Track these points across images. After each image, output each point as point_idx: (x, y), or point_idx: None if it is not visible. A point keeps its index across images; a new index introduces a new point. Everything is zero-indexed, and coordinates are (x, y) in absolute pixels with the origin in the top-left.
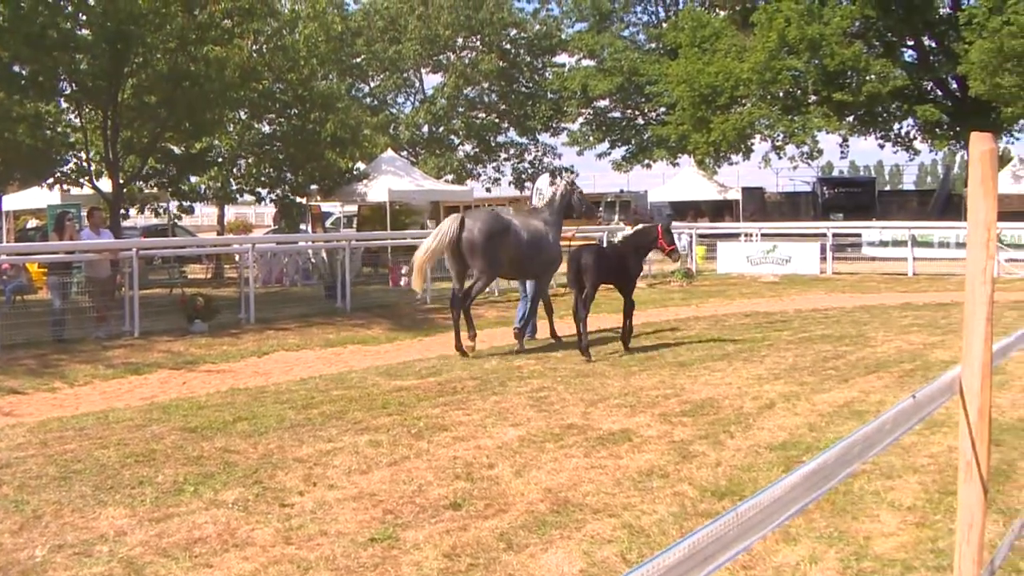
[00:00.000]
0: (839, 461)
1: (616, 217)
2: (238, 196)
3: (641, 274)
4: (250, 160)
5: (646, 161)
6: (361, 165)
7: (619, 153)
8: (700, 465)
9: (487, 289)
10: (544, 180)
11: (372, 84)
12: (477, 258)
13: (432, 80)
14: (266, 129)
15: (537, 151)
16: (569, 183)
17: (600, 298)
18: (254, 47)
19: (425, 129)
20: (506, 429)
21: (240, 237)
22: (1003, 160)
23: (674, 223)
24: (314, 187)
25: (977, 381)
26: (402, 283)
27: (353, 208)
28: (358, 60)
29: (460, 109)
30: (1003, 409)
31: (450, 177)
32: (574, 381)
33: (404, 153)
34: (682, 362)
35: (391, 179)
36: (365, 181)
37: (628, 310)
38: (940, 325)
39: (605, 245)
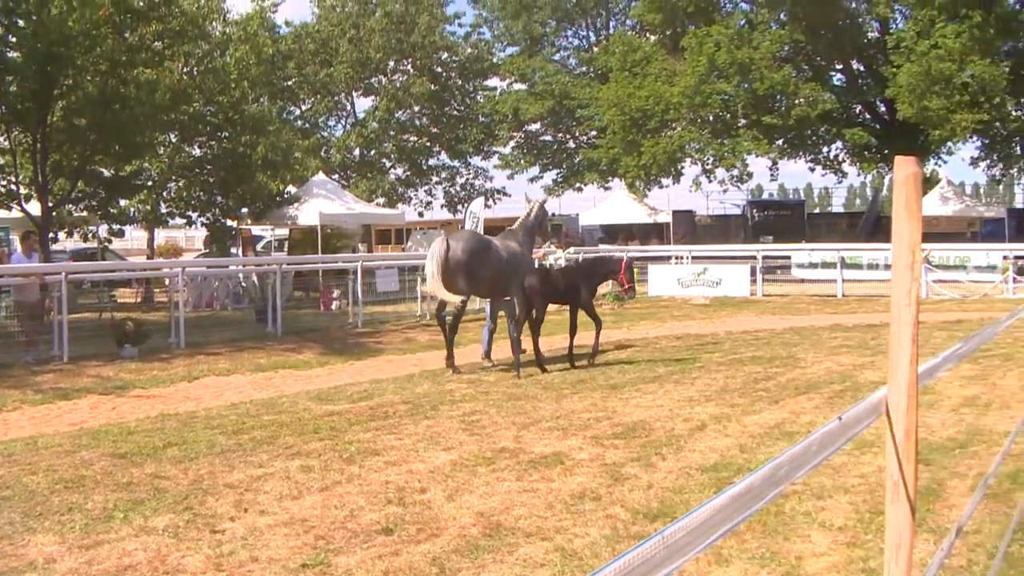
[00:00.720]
0: (767, 482)
1: (547, 241)
2: (168, 219)
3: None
4: (180, 183)
5: (577, 184)
6: (292, 188)
7: (550, 176)
8: (632, 487)
9: (424, 312)
10: (478, 204)
11: (303, 107)
12: (460, 276)
13: (363, 103)
14: (197, 152)
15: (469, 174)
16: (541, 204)
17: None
18: (184, 69)
19: (356, 152)
20: (438, 453)
21: (170, 261)
22: (931, 182)
23: (603, 246)
24: (245, 210)
25: (903, 401)
26: (334, 307)
27: (284, 232)
28: (289, 83)
29: (391, 132)
30: (932, 429)
31: (381, 200)
32: (506, 404)
33: (335, 176)
34: (614, 384)
35: (322, 202)
36: (296, 204)
37: (573, 330)
38: (870, 346)
39: (560, 266)
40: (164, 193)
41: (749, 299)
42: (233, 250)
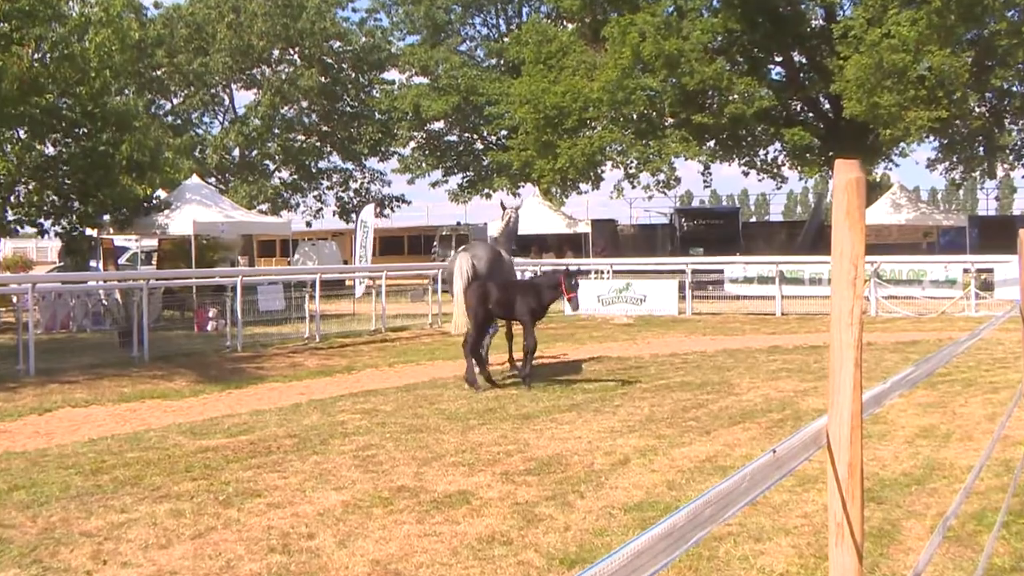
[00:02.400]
0: (691, 523)
1: (452, 252)
2: (17, 228)
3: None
4: (31, 186)
5: (485, 190)
6: (162, 193)
7: (455, 181)
8: (547, 530)
9: (308, 335)
10: (368, 212)
11: (175, 101)
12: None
13: (244, 97)
14: (50, 151)
15: (364, 178)
16: (516, 208)
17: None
18: (36, 56)
19: (236, 153)
20: (328, 493)
21: (18, 276)
22: (881, 187)
23: (516, 259)
24: (106, 218)
25: (846, 432)
26: (209, 328)
27: (152, 242)
28: (159, 73)
29: (276, 130)
30: (885, 462)
31: (264, 207)
32: (405, 437)
33: (212, 180)
34: (526, 414)
35: (197, 209)
36: (167, 212)
37: (526, 346)
38: (812, 370)
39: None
40: (11, 198)
41: (677, 318)
42: (93, 263)
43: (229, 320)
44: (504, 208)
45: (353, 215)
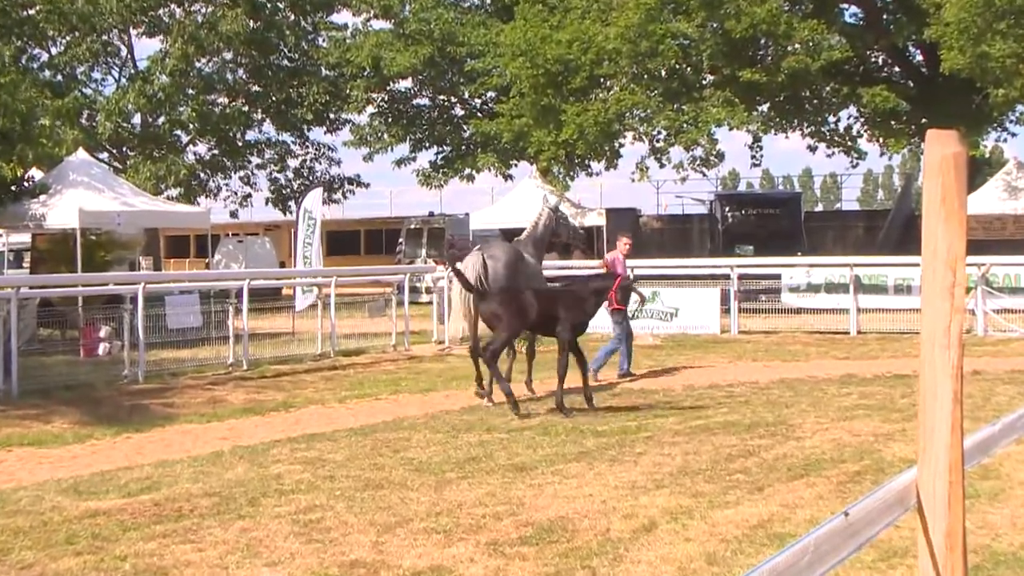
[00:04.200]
0: None
1: (423, 251)
2: None
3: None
4: None
5: (467, 170)
6: (37, 173)
7: (427, 158)
8: None
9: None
10: (314, 198)
11: (54, 50)
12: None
13: (147, 47)
14: None
15: (306, 154)
16: (553, 209)
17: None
18: None
19: (137, 120)
20: (258, 571)
21: None
22: (992, 166)
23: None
24: None
25: (943, 490)
26: (100, 351)
27: (24, 238)
28: (31, 13)
29: (190, 91)
30: (998, 531)
31: (175, 192)
32: (360, 496)
33: (105, 156)
34: (520, 464)
35: (84, 195)
36: (43, 198)
37: (563, 365)
38: (899, 407)
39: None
40: None
41: (719, 338)
42: None
43: (127, 341)
44: (545, 202)
45: (292, 203)
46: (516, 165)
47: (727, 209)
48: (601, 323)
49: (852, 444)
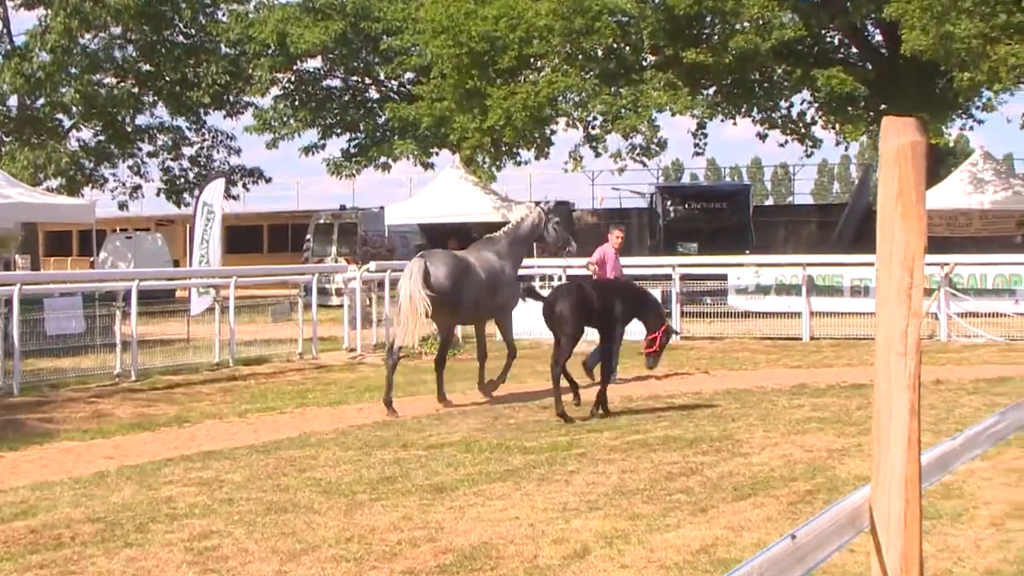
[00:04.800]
0: None
1: (333, 249)
2: None
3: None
4: None
5: (382, 159)
6: None
7: (338, 146)
8: None
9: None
10: (214, 190)
11: None
12: (443, 309)
13: (24, 20)
14: None
15: (204, 141)
16: (547, 210)
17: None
18: None
19: (13, 102)
20: None
21: None
22: (957, 156)
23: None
24: None
25: (898, 509)
26: None
27: None
28: None
29: (73, 70)
30: (960, 554)
31: (56, 183)
32: (262, 521)
33: None
34: (439, 484)
35: None
36: None
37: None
38: (855, 420)
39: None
40: None
41: None
42: None
43: (0, 349)
44: (538, 205)
45: (187, 195)
46: (437, 154)
47: (669, 203)
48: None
49: (804, 460)
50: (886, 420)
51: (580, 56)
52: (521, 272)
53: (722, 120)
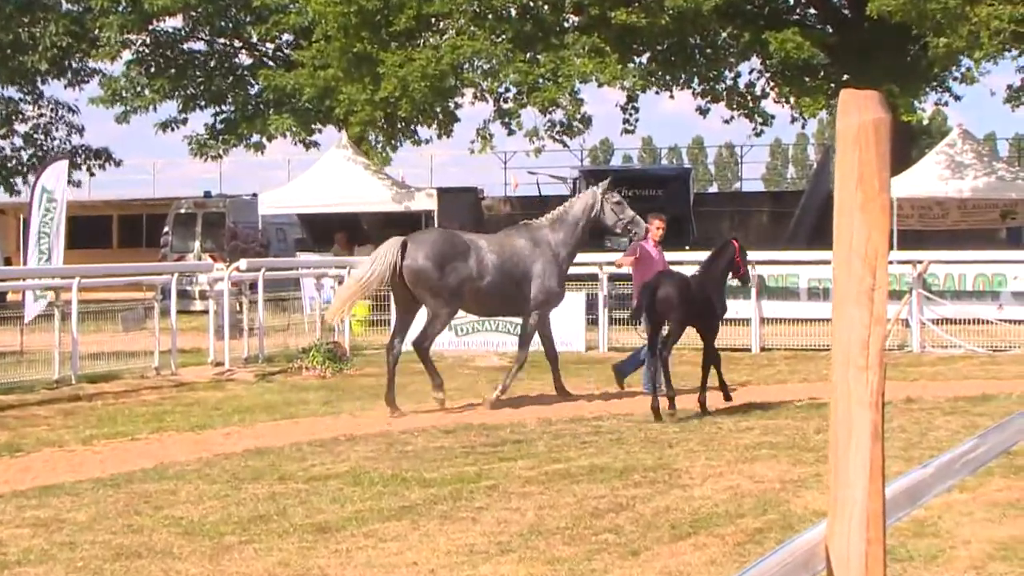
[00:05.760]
0: None
1: (196, 244)
2: None
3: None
4: None
5: (255, 137)
6: None
7: (202, 121)
8: None
9: None
10: (54, 173)
11: None
12: (424, 291)
13: None
14: None
15: (40, 115)
16: (605, 190)
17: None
18: None
19: None
20: None
21: None
22: (932, 135)
23: (310, 256)
24: None
25: (858, 548)
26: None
27: None
28: None
29: None
30: None
31: None
32: (111, 568)
33: None
34: (323, 523)
35: None
36: None
37: (711, 361)
38: (813, 445)
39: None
40: None
41: (584, 356)
42: None
43: None
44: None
45: (21, 179)
46: (320, 131)
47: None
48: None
49: (753, 493)
50: (844, 446)
51: (490, 16)
52: None
53: (657, 92)
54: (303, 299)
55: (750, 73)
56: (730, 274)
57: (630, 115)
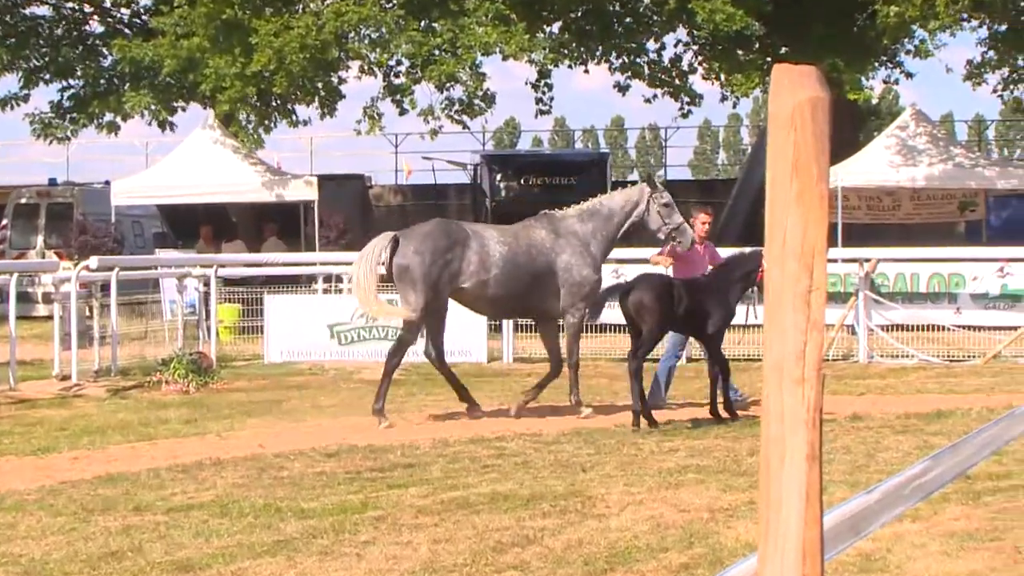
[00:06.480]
0: None
1: (39, 239)
2: None
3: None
4: None
5: (108, 116)
6: None
7: (47, 97)
8: None
9: None
10: None
11: None
12: (409, 290)
13: None
14: None
15: None
16: (655, 188)
17: None
18: None
19: None
20: None
21: None
22: (881, 117)
23: (171, 253)
24: None
25: None
26: None
27: None
28: None
29: None
30: None
31: None
32: None
33: None
34: (185, 561)
35: None
36: None
37: (719, 371)
38: (745, 469)
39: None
40: None
41: (486, 368)
42: None
43: None
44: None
45: None
46: (184, 109)
47: (499, 177)
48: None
49: (678, 524)
50: (777, 469)
51: None
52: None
53: (571, 67)
54: (163, 303)
55: (675, 46)
56: (752, 283)
57: (542, 93)
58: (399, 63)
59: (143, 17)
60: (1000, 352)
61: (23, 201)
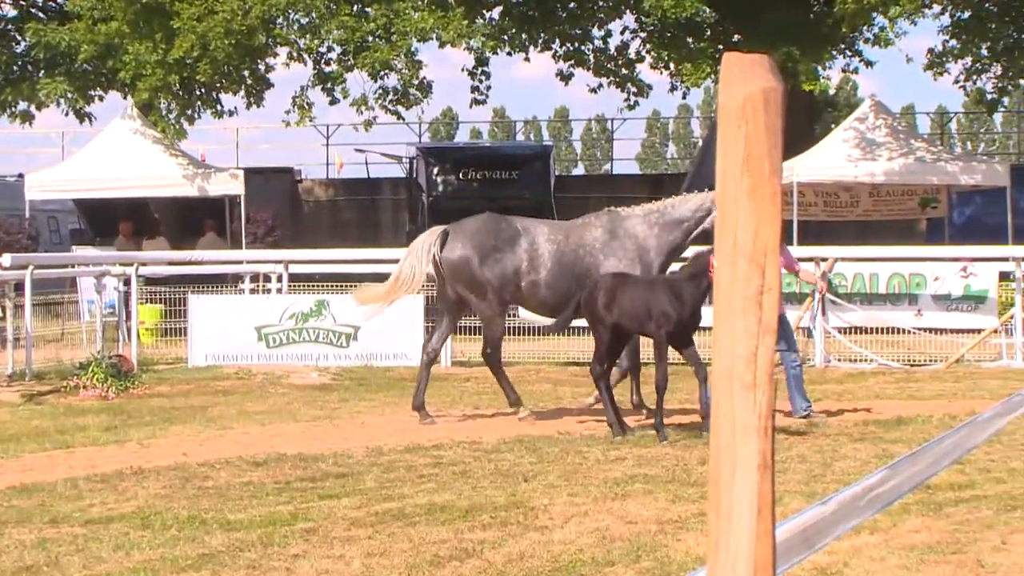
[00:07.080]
0: None
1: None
2: None
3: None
4: None
5: (21, 105)
6: None
7: None
8: None
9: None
10: None
11: None
12: (465, 288)
13: None
14: None
15: None
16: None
17: None
18: None
19: None
20: None
21: None
22: (838, 108)
23: (89, 250)
24: None
25: None
26: None
27: None
28: None
29: None
30: None
31: None
32: None
33: None
34: None
35: None
36: None
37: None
38: (696, 479)
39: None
40: None
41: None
42: None
43: None
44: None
45: None
46: (102, 98)
47: (436, 171)
48: None
49: (624, 536)
50: (727, 478)
51: None
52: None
53: (511, 54)
54: (80, 303)
55: (622, 33)
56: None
57: (480, 81)
58: (330, 50)
59: (59, 1)
60: (963, 356)
61: None
